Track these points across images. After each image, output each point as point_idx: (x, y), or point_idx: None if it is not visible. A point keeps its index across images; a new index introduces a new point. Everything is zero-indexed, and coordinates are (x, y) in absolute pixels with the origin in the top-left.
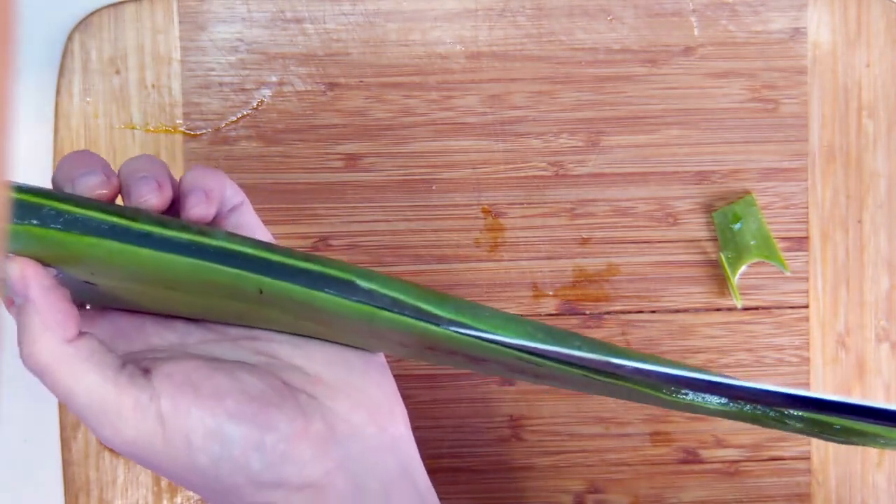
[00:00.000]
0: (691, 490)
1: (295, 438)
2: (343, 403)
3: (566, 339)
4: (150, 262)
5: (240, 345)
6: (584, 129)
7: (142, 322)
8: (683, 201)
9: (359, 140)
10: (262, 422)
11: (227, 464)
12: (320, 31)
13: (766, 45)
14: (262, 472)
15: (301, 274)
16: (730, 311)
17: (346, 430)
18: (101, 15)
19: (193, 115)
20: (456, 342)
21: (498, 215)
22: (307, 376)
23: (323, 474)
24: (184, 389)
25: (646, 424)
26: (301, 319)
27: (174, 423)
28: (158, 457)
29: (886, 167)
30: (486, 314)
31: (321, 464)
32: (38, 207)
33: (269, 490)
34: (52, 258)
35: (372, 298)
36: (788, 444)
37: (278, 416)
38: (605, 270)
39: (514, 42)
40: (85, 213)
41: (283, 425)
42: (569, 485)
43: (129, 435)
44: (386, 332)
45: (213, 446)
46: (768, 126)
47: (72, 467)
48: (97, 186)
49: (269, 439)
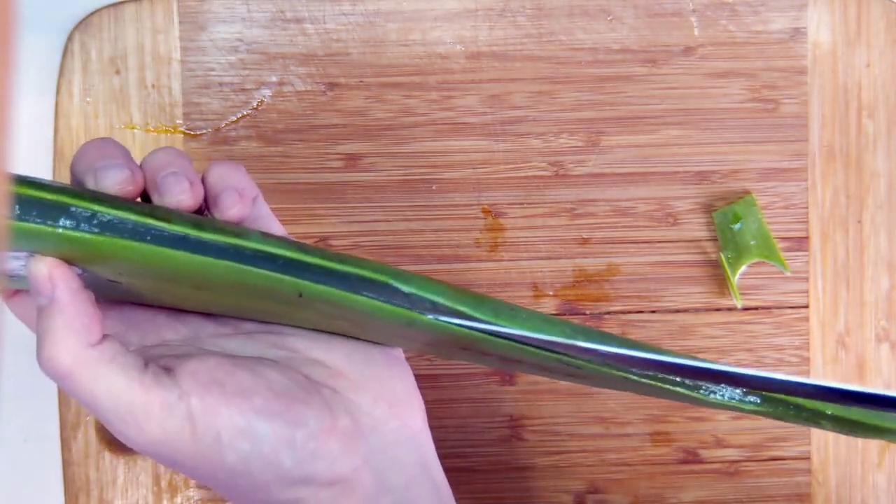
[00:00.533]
0: (691, 490)
1: (324, 434)
2: (365, 397)
3: (605, 341)
4: (186, 264)
5: (255, 338)
6: (584, 129)
7: (154, 315)
8: (683, 201)
9: (359, 140)
10: (292, 418)
11: (257, 461)
12: (320, 31)
13: (766, 45)
14: (293, 468)
15: (339, 277)
16: (730, 311)
17: (370, 424)
18: (101, 15)
19: (193, 115)
20: (493, 345)
21: (498, 215)
22: (328, 370)
23: (351, 470)
24: (210, 388)
25: (646, 424)
26: (335, 319)
27: (204, 421)
28: (185, 455)
29: (886, 167)
30: (524, 316)
31: (349, 459)
32: (68, 207)
33: (299, 487)
34: (82, 259)
35: (411, 302)
36: (788, 444)
37: (306, 411)
38: (605, 270)
39: (514, 42)
40: (119, 215)
41: (312, 421)
42: (569, 485)
43: (156, 434)
44: (419, 335)
45: (244, 444)
46: (768, 126)
47: (72, 467)
48: (123, 182)
49: (300, 435)
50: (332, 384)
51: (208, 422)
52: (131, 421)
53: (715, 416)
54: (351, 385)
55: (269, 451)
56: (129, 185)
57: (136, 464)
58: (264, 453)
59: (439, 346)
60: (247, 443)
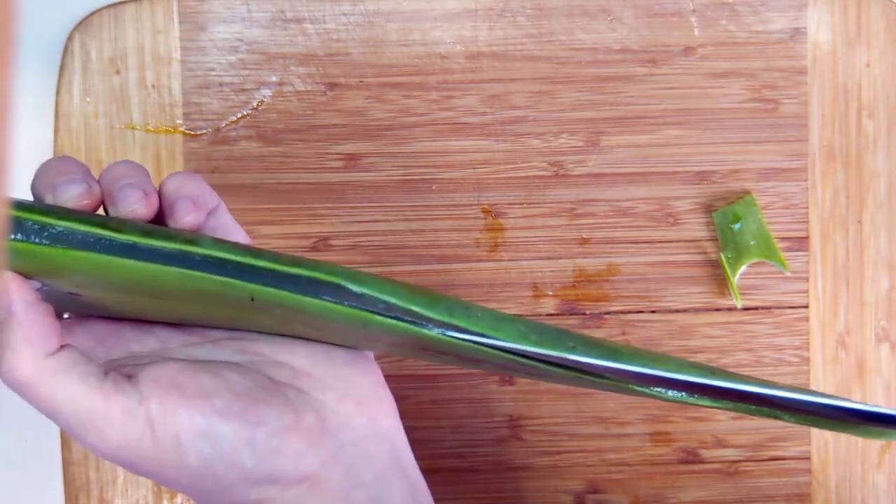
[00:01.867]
0: (691, 490)
1: (286, 432)
2: (331, 395)
3: (560, 339)
4: (137, 273)
5: (221, 345)
6: (584, 129)
7: (120, 328)
8: (683, 201)
9: (359, 140)
10: (252, 418)
11: (218, 462)
12: (320, 31)
13: (766, 45)
14: (255, 468)
15: (291, 280)
16: (730, 311)
17: (337, 422)
18: (101, 15)
19: (193, 115)
20: (447, 345)
21: (498, 215)
22: (292, 370)
23: (318, 467)
24: (170, 391)
25: (646, 424)
26: (292, 324)
27: (163, 425)
28: (147, 460)
29: (886, 167)
30: (478, 315)
31: (316, 457)
32: (20, 221)
33: (264, 486)
34: (37, 271)
35: (364, 303)
36: (788, 444)
37: (267, 410)
38: (605, 270)
39: (514, 42)
40: (69, 226)
41: (272, 420)
42: (569, 485)
43: (117, 441)
44: (378, 335)
45: (204, 445)
46: (768, 126)
47: (72, 467)
48: (80, 196)
49: (260, 434)
50: (296, 384)
51: (167, 425)
52: (92, 428)
53: (715, 416)
54: (316, 384)
55: (230, 452)
56: (86, 198)
57: None
58: (225, 453)
59: (399, 346)
60: (207, 444)
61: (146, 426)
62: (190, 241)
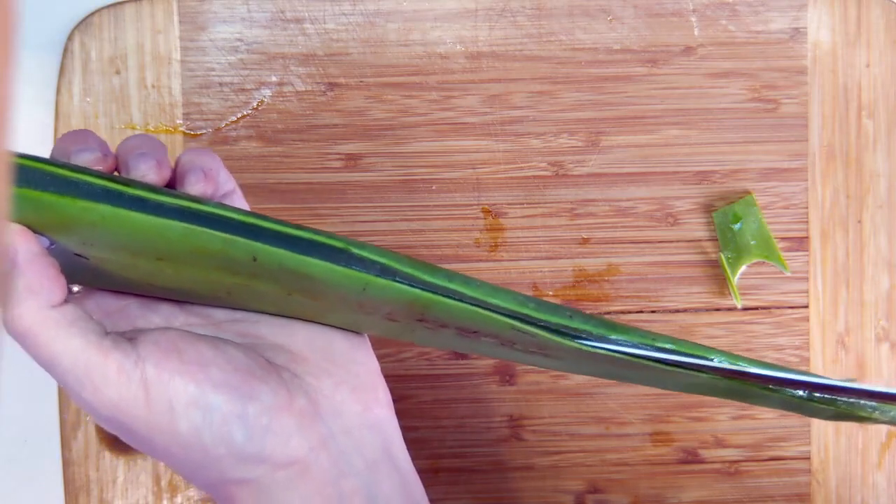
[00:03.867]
0: (691, 490)
1: (278, 411)
2: (326, 381)
3: (558, 310)
4: (143, 226)
5: (223, 328)
6: (584, 129)
7: (127, 305)
8: (683, 201)
9: (359, 140)
10: (245, 392)
11: (208, 433)
12: (320, 31)
13: (766, 45)
14: (245, 443)
15: (294, 241)
16: (730, 311)
17: (330, 408)
18: (101, 15)
19: (193, 115)
20: (447, 310)
21: (498, 215)
22: (290, 354)
23: (307, 451)
24: (169, 356)
25: (646, 424)
26: (293, 292)
27: (157, 389)
28: (139, 423)
29: (886, 167)
30: (477, 283)
31: (305, 440)
32: (28, 170)
33: (252, 465)
34: (45, 225)
35: (364, 265)
36: (788, 444)
37: (261, 387)
38: (605, 270)
39: (514, 42)
40: (78, 177)
41: (265, 396)
42: (569, 485)
43: (111, 398)
44: (377, 303)
45: (195, 414)
46: (768, 126)
47: (72, 467)
48: (94, 162)
49: (252, 410)
50: (293, 368)
51: (161, 389)
52: (87, 383)
53: (715, 416)
54: (312, 369)
55: (221, 423)
56: (100, 164)
57: (136, 464)
58: (216, 424)
59: (396, 316)
60: (198, 413)
61: (140, 387)
62: (196, 201)
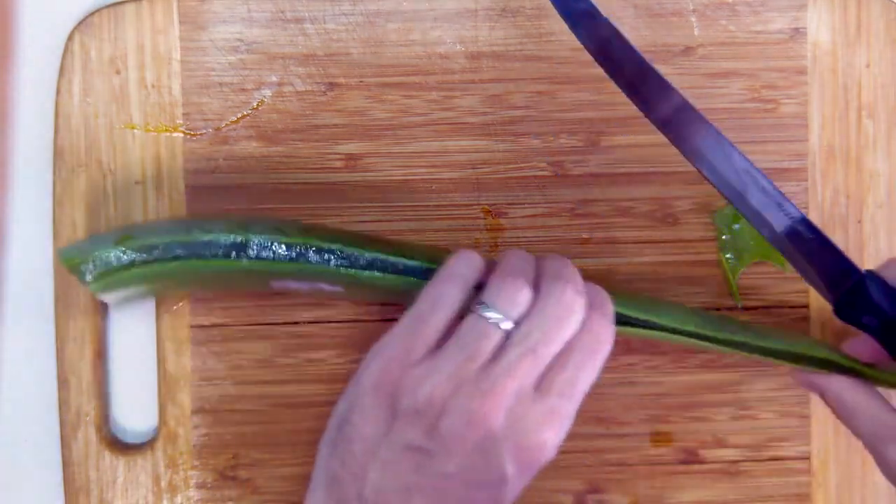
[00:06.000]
0: (691, 490)
1: None
2: None
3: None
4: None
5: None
6: (584, 129)
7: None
8: (683, 201)
9: (359, 140)
10: None
11: None
12: (320, 31)
13: (766, 45)
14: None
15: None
16: (730, 311)
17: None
18: (101, 15)
19: (193, 115)
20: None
21: (498, 215)
22: None
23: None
24: None
25: (646, 424)
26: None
27: None
28: None
29: (886, 167)
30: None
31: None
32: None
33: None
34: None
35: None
36: (788, 444)
37: None
38: (605, 270)
39: (514, 42)
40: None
41: None
42: (569, 485)
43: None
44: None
45: None
46: (768, 126)
47: (72, 467)
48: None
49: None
50: None
51: None
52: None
53: (715, 417)
54: None
55: None
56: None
57: (136, 464)
58: None
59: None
60: None
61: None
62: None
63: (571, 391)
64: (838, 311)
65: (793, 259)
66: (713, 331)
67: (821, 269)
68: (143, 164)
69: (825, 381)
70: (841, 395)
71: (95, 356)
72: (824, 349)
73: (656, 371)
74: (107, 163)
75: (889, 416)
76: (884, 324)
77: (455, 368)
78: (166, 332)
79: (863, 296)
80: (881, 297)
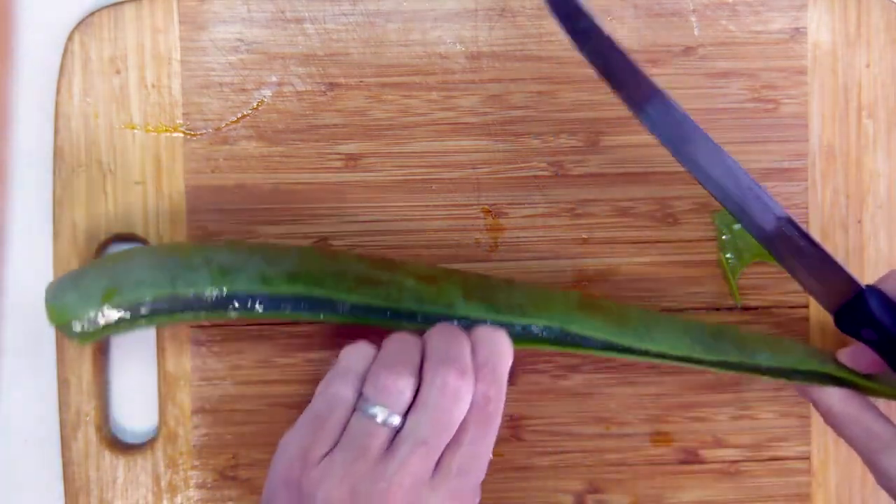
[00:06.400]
0: (691, 490)
1: None
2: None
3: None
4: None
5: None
6: (584, 129)
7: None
8: (683, 201)
9: (359, 140)
10: None
11: None
12: (320, 31)
13: (766, 45)
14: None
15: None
16: (730, 311)
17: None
18: (101, 15)
19: (193, 115)
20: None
21: (498, 215)
22: None
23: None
24: None
25: (646, 424)
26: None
27: None
28: None
29: (886, 167)
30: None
31: None
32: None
33: None
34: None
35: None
36: (788, 444)
37: None
38: (605, 270)
39: (514, 42)
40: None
41: None
42: (569, 485)
43: None
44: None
45: None
46: (768, 126)
47: (72, 467)
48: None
49: None
50: None
51: None
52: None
53: (715, 417)
54: None
55: None
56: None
57: (136, 464)
58: None
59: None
60: None
61: None
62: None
63: (470, 466)
64: (838, 322)
65: (792, 271)
66: (703, 353)
67: (820, 282)
68: (143, 164)
69: (817, 393)
70: (833, 406)
71: (95, 356)
72: (816, 361)
73: (656, 371)
74: (107, 163)
75: (881, 426)
76: (883, 337)
77: (346, 469)
78: (166, 332)
79: (862, 310)
80: (881, 310)
